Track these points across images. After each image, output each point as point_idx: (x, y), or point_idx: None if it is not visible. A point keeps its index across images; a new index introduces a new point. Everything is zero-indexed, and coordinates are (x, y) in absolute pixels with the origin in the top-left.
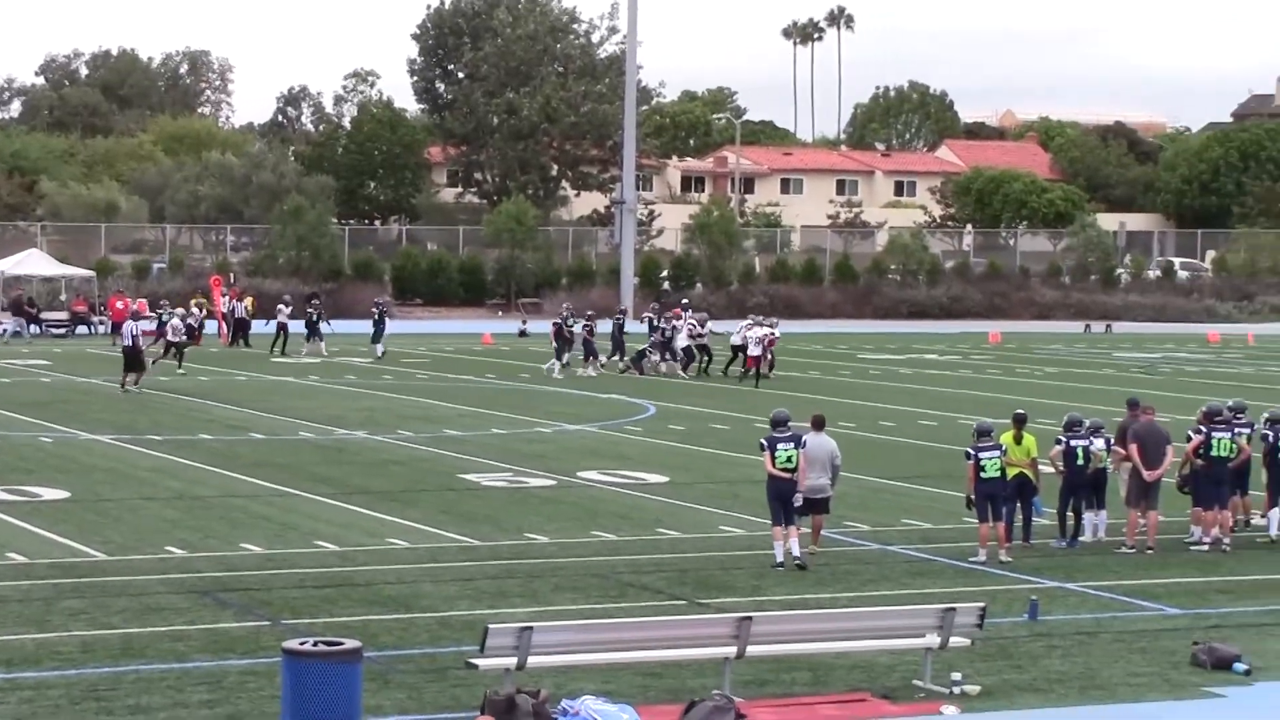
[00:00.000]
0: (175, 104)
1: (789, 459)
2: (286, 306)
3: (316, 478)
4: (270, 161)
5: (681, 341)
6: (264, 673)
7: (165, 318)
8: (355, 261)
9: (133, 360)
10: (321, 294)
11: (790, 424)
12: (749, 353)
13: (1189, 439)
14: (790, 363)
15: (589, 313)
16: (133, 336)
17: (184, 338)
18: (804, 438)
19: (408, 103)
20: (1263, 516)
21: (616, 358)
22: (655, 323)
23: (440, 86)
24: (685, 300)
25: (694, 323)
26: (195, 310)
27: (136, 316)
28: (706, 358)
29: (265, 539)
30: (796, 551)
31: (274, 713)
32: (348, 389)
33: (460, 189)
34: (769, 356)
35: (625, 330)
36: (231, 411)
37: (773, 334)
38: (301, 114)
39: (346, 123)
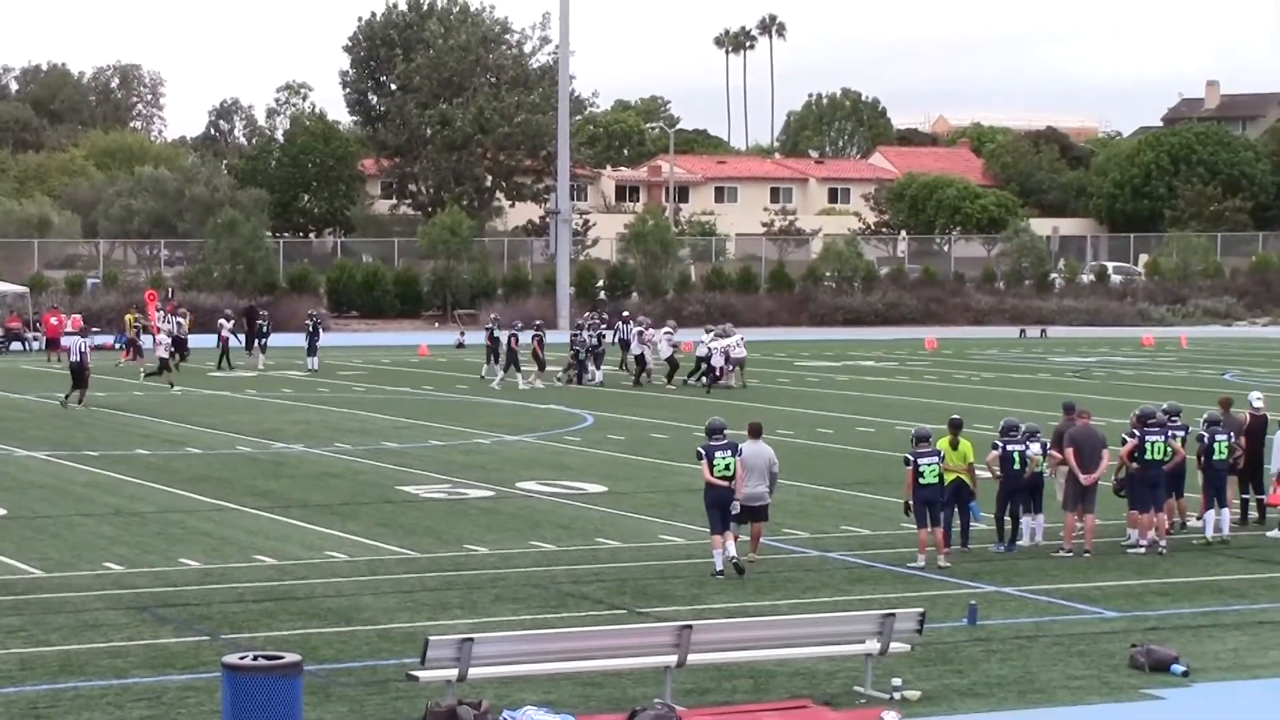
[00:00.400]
0: (107, 118)
1: (726, 467)
2: (228, 321)
3: (254, 491)
4: (203, 175)
5: (665, 351)
6: (204, 688)
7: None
8: (290, 274)
9: (79, 376)
10: (259, 306)
11: (726, 432)
12: (713, 362)
13: (1123, 443)
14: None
15: (537, 322)
16: (81, 353)
17: (173, 351)
18: (741, 446)
19: (340, 115)
20: (1198, 519)
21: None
22: (589, 331)
23: (373, 98)
24: (626, 312)
25: (669, 330)
26: (180, 321)
27: (85, 333)
28: (640, 367)
29: (204, 553)
30: (733, 552)
31: None
32: (284, 402)
33: (394, 201)
34: (732, 366)
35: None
36: (168, 426)
37: (733, 342)
38: (234, 127)
39: (279, 135)
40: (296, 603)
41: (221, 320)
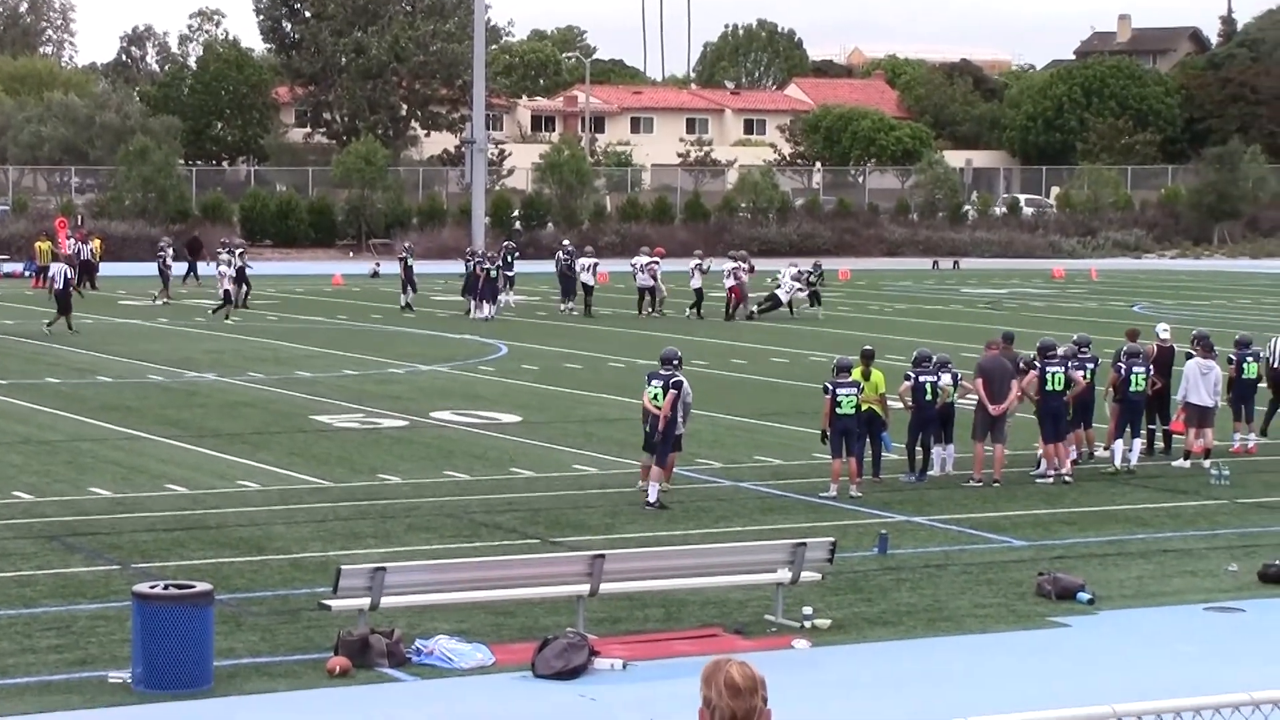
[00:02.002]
0: (15, 44)
1: (655, 396)
2: (168, 248)
3: (166, 420)
4: (115, 102)
5: (644, 282)
6: (115, 617)
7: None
8: (203, 203)
9: (63, 303)
10: (195, 236)
11: (674, 364)
12: (728, 285)
13: (1025, 373)
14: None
15: (470, 249)
16: (66, 279)
17: (232, 285)
18: (681, 381)
19: (254, 42)
20: (1105, 449)
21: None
22: (510, 260)
23: (287, 26)
24: (566, 241)
25: (698, 262)
26: (231, 253)
27: (72, 261)
28: (587, 296)
29: (114, 482)
30: (653, 496)
31: (125, 657)
32: (196, 331)
33: (309, 129)
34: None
35: (575, 270)
36: (78, 355)
37: (737, 268)
38: (146, 54)
39: (192, 62)
40: (208, 532)
41: (162, 247)
